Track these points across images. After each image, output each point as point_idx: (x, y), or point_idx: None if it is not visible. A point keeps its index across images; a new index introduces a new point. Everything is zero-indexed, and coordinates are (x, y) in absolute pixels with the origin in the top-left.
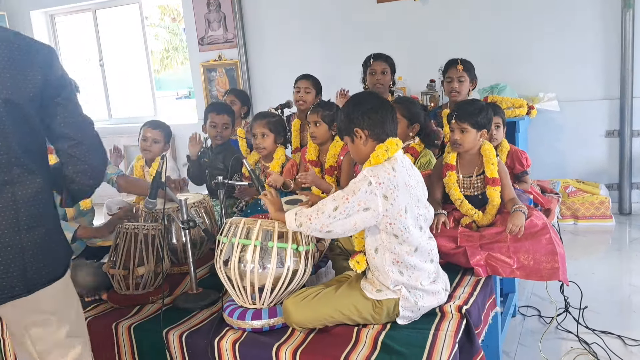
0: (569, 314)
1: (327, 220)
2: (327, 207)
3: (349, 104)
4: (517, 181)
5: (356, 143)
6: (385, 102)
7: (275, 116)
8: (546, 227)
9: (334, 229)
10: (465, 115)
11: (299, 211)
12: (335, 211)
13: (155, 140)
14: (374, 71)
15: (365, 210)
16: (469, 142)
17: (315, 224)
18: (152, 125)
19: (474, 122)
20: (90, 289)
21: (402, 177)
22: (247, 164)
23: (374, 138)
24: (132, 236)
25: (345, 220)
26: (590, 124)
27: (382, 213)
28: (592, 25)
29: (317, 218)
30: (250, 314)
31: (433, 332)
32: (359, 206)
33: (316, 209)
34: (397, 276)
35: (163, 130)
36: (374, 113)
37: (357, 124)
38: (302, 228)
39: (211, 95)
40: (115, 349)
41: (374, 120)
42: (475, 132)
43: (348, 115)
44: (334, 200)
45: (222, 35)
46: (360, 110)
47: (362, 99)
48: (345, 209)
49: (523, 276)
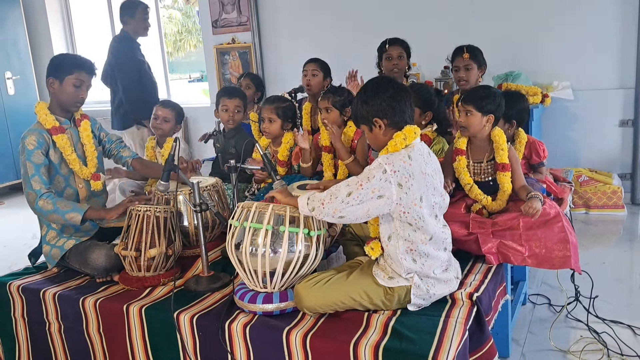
0: (579, 303)
1: (340, 205)
2: (341, 193)
3: (366, 91)
4: (533, 172)
5: (375, 132)
6: (403, 88)
7: (286, 101)
8: (559, 215)
9: (346, 215)
10: (471, 98)
11: (312, 196)
12: (348, 197)
13: (165, 119)
14: (390, 56)
15: (379, 197)
16: (474, 126)
17: (328, 208)
18: (163, 104)
19: (479, 105)
20: (102, 270)
21: (418, 165)
22: (259, 148)
23: (393, 126)
24: (144, 218)
25: (359, 207)
26: (604, 113)
27: (396, 201)
28: (608, 14)
29: (330, 203)
30: (261, 298)
31: (443, 319)
32: (372, 193)
33: (329, 193)
34: (410, 264)
35: (173, 109)
36: (394, 101)
37: (376, 113)
38: (315, 212)
39: (224, 79)
40: (126, 330)
41: (393, 109)
42: (480, 116)
43: (366, 103)
44: (347, 185)
45: (235, 18)
46: (380, 98)
47: (380, 86)
48: (358, 195)
49: (535, 264)
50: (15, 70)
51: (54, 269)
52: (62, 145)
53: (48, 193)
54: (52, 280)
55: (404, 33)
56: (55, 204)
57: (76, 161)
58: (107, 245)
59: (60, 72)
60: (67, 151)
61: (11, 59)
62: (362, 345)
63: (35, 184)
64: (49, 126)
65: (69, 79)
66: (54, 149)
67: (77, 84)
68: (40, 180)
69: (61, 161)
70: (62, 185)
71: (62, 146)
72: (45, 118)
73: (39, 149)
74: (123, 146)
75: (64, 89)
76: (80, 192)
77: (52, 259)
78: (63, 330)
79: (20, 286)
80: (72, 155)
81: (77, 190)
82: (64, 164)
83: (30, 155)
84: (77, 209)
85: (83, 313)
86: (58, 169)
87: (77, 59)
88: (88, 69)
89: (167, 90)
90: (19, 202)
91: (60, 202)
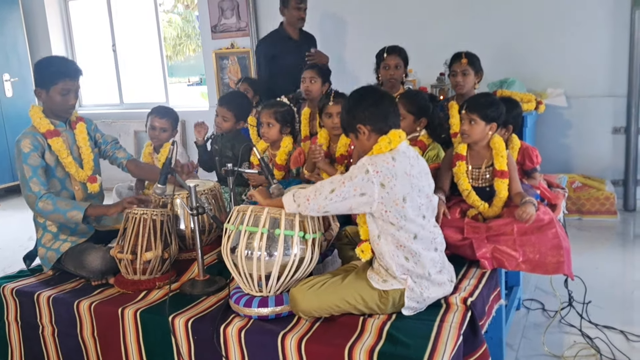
0: (573, 308)
1: (324, 202)
2: (325, 189)
3: (350, 100)
4: (526, 177)
5: (360, 139)
6: (384, 95)
7: (284, 106)
8: (552, 221)
9: (330, 210)
10: (475, 107)
11: (297, 192)
12: (331, 193)
13: (163, 129)
14: (388, 66)
15: (361, 195)
16: (477, 134)
17: (313, 204)
18: (159, 114)
19: (483, 114)
20: (97, 273)
21: (402, 166)
22: (257, 152)
23: (377, 132)
24: (141, 221)
25: (342, 203)
26: (597, 121)
27: (378, 200)
28: (601, 23)
29: (315, 199)
30: (256, 302)
31: (438, 324)
32: (354, 191)
33: (314, 190)
34: (402, 261)
35: (170, 118)
36: (374, 107)
37: (359, 120)
38: (300, 209)
39: (223, 83)
40: (121, 333)
41: (375, 115)
42: (483, 125)
43: (349, 112)
44: (331, 182)
45: (235, 23)
46: (361, 106)
47: (361, 95)
48: (341, 192)
49: (528, 269)
50: (14, 72)
51: (49, 271)
52: (57, 149)
53: (47, 194)
54: (47, 283)
55: (400, 40)
56: (56, 204)
57: (72, 164)
58: (103, 248)
59: (45, 82)
60: (63, 154)
61: (10, 61)
62: (357, 350)
63: (34, 186)
64: (43, 130)
65: (54, 89)
66: (49, 152)
67: (63, 92)
68: (39, 182)
69: (57, 164)
70: (58, 187)
71: (58, 149)
72: (39, 122)
73: (35, 152)
74: (118, 147)
75: (52, 98)
76: (77, 195)
77: (48, 262)
78: (57, 334)
79: (14, 289)
80: (67, 158)
81: (74, 192)
82: (59, 167)
83: (26, 158)
84: (78, 207)
85: (77, 316)
86: (54, 171)
87: (60, 67)
88: (72, 74)
89: (165, 94)
90: (15, 204)
91: (60, 201)
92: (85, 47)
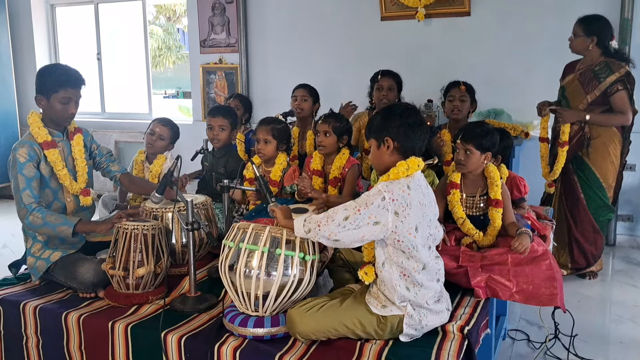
0: (558, 340)
1: (337, 229)
2: (338, 216)
3: (390, 110)
4: (514, 207)
5: (381, 150)
6: (424, 123)
7: (281, 123)
8: (546, 253)
9: (341, 239)
10: (471, 137)
11: (309, 217)
12: (345, 220)
13: (161, 137)
14: (381, 87)
15: (375, 224)
16: (473, 164)
17: (325, 231)
18: (162, 122)
19: (478, 143)
20: (89, 285)
21: (416, 195)
22: (255, 169)
23: (400, 152)
24: (132, 236)
25: (355, 231)
26: None
27: (391, 229)
28: None
29: (327, 225)
30: (252, 322)
31: (436, 351)
32: (369, 219)
33: (326, 216)
34: (403, 291)
35: (171, 129)
36: (410, 129)
37: (390, 133)
38: (310, 234)
39: (209, 98)
40: (109, 348)
41: (407, 136)
42: (479, 154)
43: (386, 120)
44: (345, 209)
45: (224, 39)
46: (399, 121)
47: (404, 111)
48: (355, 219)
49: (522, 300)
50: None
51: (36, 281)
52: (53, 160)
53: (38, 207)
54: (33, 293)
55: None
56: (45, 219)
57: (67, 176)
58: (95, 260)
59: (46, 90)
60: (58, 166)
61: None
62: None
63: (27, 198)
64: (40, 140)
65: (55, 97)
66: (44, 162)
67: (64, 101)
68: (31, 194)
69: (51, 175)
70: (50, 198)
71: (53, 161)
72: (37, 132)
73: (30, 162)
74: (112, 160)
75: (52, 106)
76: (68, 206)
77: (37, 271)
78: (41, 345)
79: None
80: (62, 170)
81: (65, 204)
82: (53, 178)
83: (21, 168)
84: (67, 222)
85: (65, 328)
86: (48, 182)
87: (62, 75)
88: (74, 83)
89: (149, 105)
90: None
91: (49, 215)
92: (70, 54)
